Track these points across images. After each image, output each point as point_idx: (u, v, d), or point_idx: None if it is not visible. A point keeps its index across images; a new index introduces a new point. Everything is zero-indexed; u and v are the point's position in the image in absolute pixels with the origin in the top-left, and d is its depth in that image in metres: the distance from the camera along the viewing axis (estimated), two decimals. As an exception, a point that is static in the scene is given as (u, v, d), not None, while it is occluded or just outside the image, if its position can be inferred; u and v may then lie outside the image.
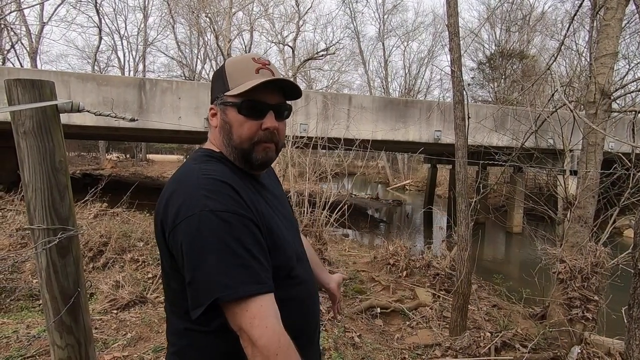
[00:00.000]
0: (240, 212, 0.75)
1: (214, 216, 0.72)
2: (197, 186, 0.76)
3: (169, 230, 0.76)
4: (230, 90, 0.85)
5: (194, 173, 0.80)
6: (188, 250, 0.72)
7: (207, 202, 0.73)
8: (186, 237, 0.73)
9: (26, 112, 1.05)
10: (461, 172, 3.07)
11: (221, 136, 0.88)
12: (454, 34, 3.04)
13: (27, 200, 1.10)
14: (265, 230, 0.80)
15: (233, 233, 0.72)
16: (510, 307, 4.11)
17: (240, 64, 0.87)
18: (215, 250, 0.70)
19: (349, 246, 7.04)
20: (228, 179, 0.79)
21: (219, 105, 0.88)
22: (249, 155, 0.86)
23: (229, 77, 0.86)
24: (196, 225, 0.72)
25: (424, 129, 9.32)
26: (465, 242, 3.09)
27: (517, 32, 22.33)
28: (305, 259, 0.98)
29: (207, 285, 0.70)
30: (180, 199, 0.76)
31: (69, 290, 1.15)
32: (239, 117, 0.85)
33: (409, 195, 21.59)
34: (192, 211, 0.73)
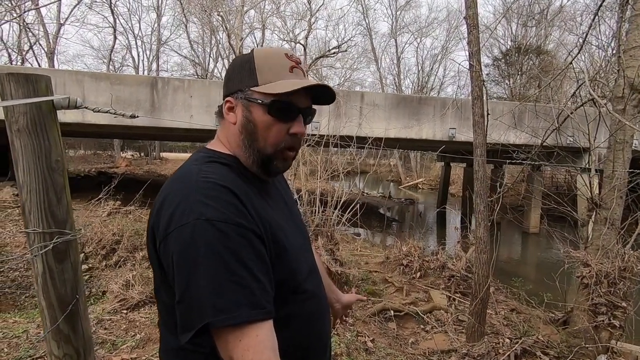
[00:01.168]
0: (241, 222, 0.66)
1: (210, 226, 0.63)
2: (194, 190, 0.67)
3: (160, 239, 0.67)
4: (259, 86, 0.76)
5: (192, 175, 0.71)
6: (179, 263, 0.64)
7: (204, 210, 0.64)
8: (178, 249, 0.64)
9: (20, 108, 0.99)
10: (479, 171, 2.94)
11: (242, 135, 0.79)
12: (473, 27, 2.91)
13: (22, 202, 1.03)
14: (270, 241, 0.71)
15: (231, 246, 0.63)
16: (529, 312, 3.94)
17: (272, 58, 0.77)
18: (209, 266, 0.61)
19: (361, 246, 6.93)
20: (230, 183, 0.70)
21: (242, 100, 0.78)
22: (270, 162, 0.78)
23: (258, 70, 0.76)
24: (189, 235, 0.63)
25: (438, 126, 9.12)
26: (483, 244, 2.95)
27: (534, 27, 21.75)
28: (317, 271, 0.89)
29: (198, 306, 0.61)
30: (174, 204, 0.67)
31: (67, 297, 1.08)
32: (267, 117, 0.76)
33: (422, 194, 21.31)
34: (186, 219, 0.64)
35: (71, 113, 7.56)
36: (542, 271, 7.29)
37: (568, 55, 16.69)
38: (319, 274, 0.89)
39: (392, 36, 28.75)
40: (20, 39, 20.04)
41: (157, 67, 26.96)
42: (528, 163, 3.95)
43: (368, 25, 28.02)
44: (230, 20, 19.36)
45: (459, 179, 19.30)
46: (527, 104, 7.78)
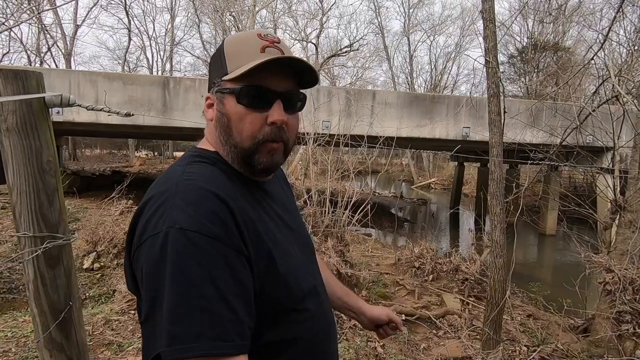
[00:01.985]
0: (219, 234, 0.57)
1: (183, 236, 0.55)
2: (174, 194, 0.60)
3: (134, 248, 0.60)
4: (229, 74, 0.67)
5: (175, 177, 0.63)
6: (146, 279, 0.57)
7: (179, 217, 0.56)
8: (146, 262, 0.57)
9: (8, 106, 0.94)
10: (496, 171, 2.82)
11: (217, 131, 0.71)
12: (489, 21, 2.79)
13: (12, 205, 0.99)
14: (259, 255, 0.62)
15: (203, 263, 0.55)
16: (547, 318, 3.79)
17: (242, 42, 0.69)
18: (175, 285, 0.53)
19: (372, 247, 6.82)
20: (217, 187, 0.62)
21: (216, 94, 0.71)
22: (251, 158, 0.68)
23: (227, 58, 0.69)
24: (159, 247, 0.55)
25: (451, 125, 8.94)
26: (499, 248, 2.83)
27: (552, 23, 21.19)
28: (322, 286, 0.79)
29: (157, 331, 0.54)
30: (152, 208, 0.60)
31: (59, 305, 1.04)
32: (239, 107, 0.67)
33: (434, 193, 21.02)
34: (159, 227, 0.56)
35: (85, 113, 7.66)
36: (560, 275, 7.06)
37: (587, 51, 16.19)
38: (324, 290, 0.80)
39: (405, 34, 28.45)
40: (39, 40, 20.54)
41: (171, 68, 27.30)
42: (546, 163, 3.80)
43: (380, 24, 27.72)
44: (242, 20, 19.45)
45: (473, 179, 18.96)
46: (545, 102, 7.55)
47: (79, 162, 23.36)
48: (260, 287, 0.62)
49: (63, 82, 7.54)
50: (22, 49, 20.58)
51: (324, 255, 4.02)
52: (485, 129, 9.41)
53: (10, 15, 11.06)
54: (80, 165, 20.64)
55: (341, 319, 3.13)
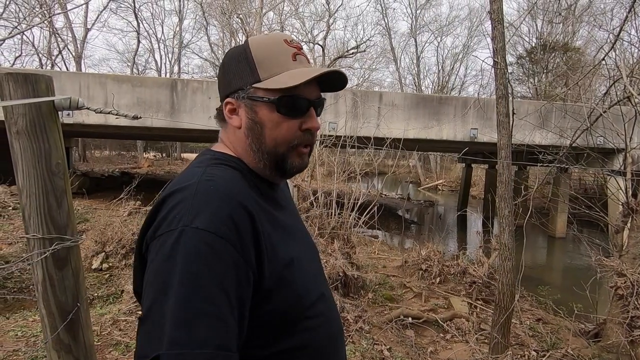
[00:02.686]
0: (234, 241, 0.56)
1: (198, 237, 0.55)
2: (194, 193, 0.59)
3: (147, 242, 0.59)
4: (262, 82, 0.67)
5: (195, 177, 0.63)
6: (152, 274, 0.56)
7: (197, 217, 0.56)
8: (157, 257, 0.56)
9: (19, 109, 0.95)
10: (504, 173, 2.78)
11: (248, 139, 0.70)
12: (498, 22, 2.76)
13: (22, 206, 1.00)
14: (273, 267, 0.61)
15: (214, 267, 0.54)
16: (557, 322, 3.73)
17: (272, 48, 0.69)
18: (183, 286, 0.52)
19: (379, 248, 6.79)
20: (238, 191, 0.62)
21: (244, 100, 0.69)
22: (284, 162, 0.70)
23: (258, 64, 0.68)
24: (172, 244, 0.55)
25: (459, 127, 8.87)
26: (508, 251, 2.80)
27: (561, 24, 20.96)
28: (328, 291, 0.79)
29: (157, 331, 0.52)
30: (169, 206, 0.59)
31: (67, 306, 1.04)
32: (275, 115, 0.68)
33: (442, 195, 20.87)
34: (175, 224, 0.56)
35: (95, 115, 7.76)
36: (570, 278, 6.96)
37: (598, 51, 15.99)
38: (331, 295, 0.79)
39: (412, 35, 28.35)
40: (50, 44, 20.88)
41: (179, 70, 27.54)
42: (555, 165, 3.75)
43: (387, 25, 27.61)
44: (250, 22, 19.55)
45: (481, 181, 18.79)
46: (554, 103, 7.46)
47: (88, 163, 23.66)
48: (269, 297, 0.61)
49: (73, 84, 7.64)
50: (34, 52, 20.97)
51: (330, 257, 4.01)
52: (493, 130, 9.32)
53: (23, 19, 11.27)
54: (89, 166, 20.90)
55: (347, 321, 3.12)
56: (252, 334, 0.60)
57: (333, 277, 3.70)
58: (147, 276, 0.57)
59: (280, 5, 21.07)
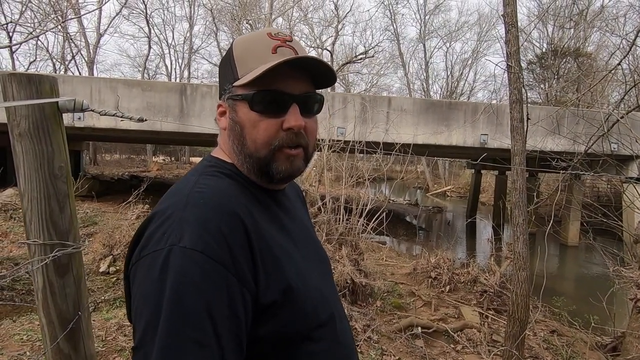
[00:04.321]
0: (225, 259, 0.52)
1: (186, 257, 0.50)
2: (183, 207, 0.55)
3: (133, 261, 0.55)
4: (239, 80, 0.63)
5: (186, 188, 0.59)
6: (141, 301, 0.51)
7: (185, 234, 0.52)
8: (144, 282, 0.51)
9: (21, 111, 0.93)
10: (518, 180, 2.71)
11: (230, 140, 0.66)
12: (512, 25, 2.70)
13: (23, 211, 0.97)
14: (273, 284, 0.57)
15: (202, 290, 0.50)
16: (573, 334, 3.61)
17: (252, 43, 0.64)
18: (171, 314, 0.48)
19: (387, 255, 6.70)
20: (232, 202, 0.57)
21: (228, 101, 0.66)
22: (268, 166, 0.63)
23: (237, 62, 0.64)
24: (159, 267, 0.50)
25: (468, 132, 8.77)
26: (522, 260, 2.71)
27: (572, 29, 20.72)
28: (341, 311, 0.72)
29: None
30: (158, 222, 0.55)
31: (68, 314, 1.01)
32: (252, 114, 0.62)
33: (450, 201, 20.65)
34: (164, 244, 0.52)
35: (105, 119, 7.83)
36: (584, 288, 6.77)
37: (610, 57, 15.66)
38: (344, 315, 0.73)
39: (421, 41, 28.31)
40: (64, 49, 21.31)
41: (189, 75, 27.83)
42: (570, 172, 3.65)
43: (396, 30, 27.60)
44: (259, 28, 19.71)
45: (490, 187, 18.56)
46: (567, 109, 7.33)
47: (99, 166, 23.98)
48: (269, 316, 0.56)
49: (85, 88, 7.74)
50: (48, 57, 21.40)
51: (338, 263, 3.95)
52: (504, 136, 9.18)
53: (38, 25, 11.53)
54: (100, 169, 21.17)
55: (355, 330, 3.05)
56: (251, 357, 0.55)
57: (341, 285, 3.64)
58: (135, 303, 0.52)
59: (289, 11, 21.24)
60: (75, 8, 15.73)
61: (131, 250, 0.57)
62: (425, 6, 28.20)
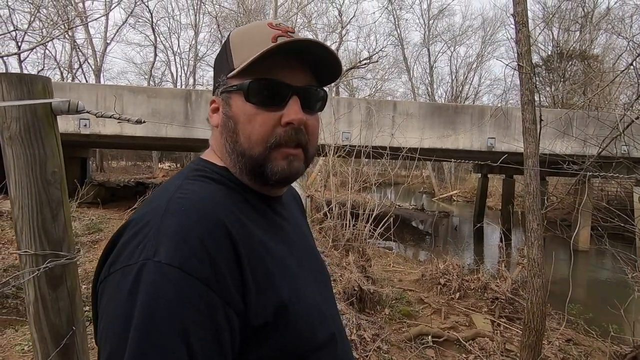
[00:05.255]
0: (206, 276, 0.45)
1: (160, 273, 0.43)
2: (160, 216, 0.48)
3: (102, 277, 0.48)
4: (235, 70, 0.56)
5: (167, 195, 0.52)
6: (105, 322, 0.45)
7: (161, 247, 0.45)
8: (112, 302, 0.45)
9: (12, 112, 0.87)
10: (532, 184, 2.62)
11: (222, 137, 0.59)
12: (522, 24, 2.63)
13: (14, 219, 0.91)
14: (265, 302, 0.49)
15: (177, 312, 0.43)
16: (589, 343, 3.48)
17: (250, 33, 0.58)
18: (139, 338, 0.41)
19: (394, 260, 6.59)
20: (217, 210, 0.51)
21: (221, 95, 0.59)
22: (263, 167, 0.56)
23: (234, 52, 0.57)
24: (130, 284, 0.44)
25: (475, 136, 8.67)
26: (537, 267, 2.61)
27: (579, 32, 20.59)
28: (341, 331, 0.64)
29: None
30: (132, 231, 0.48)
31: (61, 330, 0.94)
32: (247, 107, 0.55)
33: (457, 206, 20.45)
34: (136, 257, 0.45)
35: (111, 126, 7.85)
36: (598, 295, 6.61)
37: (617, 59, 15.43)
38: (345, 336, 0.65)
39: (425, 45, 28.28)
40: (71, 57, 21.58)
41: (194, 82, 28.04)
42: (583, 174, 3.55)
43: (400, 35, 27.60)
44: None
45: (497, 191, 18.36)
46: (577, 111, 7.22)
47: (105, 173, 24.14)
48: (261, 338, 0.49)
49: (91, 95, 7.77)
50: (56, 65, 21.69)
51: (345, 270, 3.86)
52: (511, 139, 9.05)
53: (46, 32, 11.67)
54: (106, 176, 21.29)
55: (364, 340, 2.96)
56: None
57: (348, 292, 3.55)
58: (101, 326, 0.45)
59: (294, 17, 21.34)
60: (82, 16, 15.94)
61: (101, 263, 0.50)
62: (429, 11, 28.21)
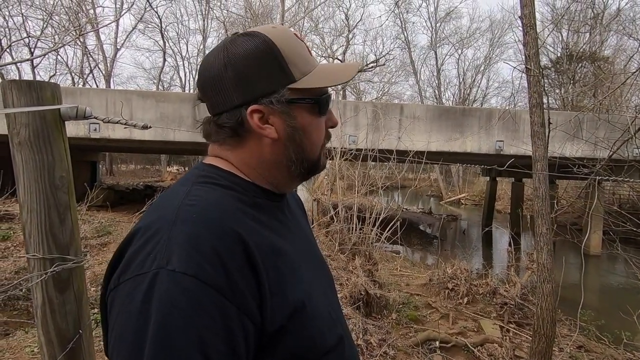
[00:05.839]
0: (221, 285, 0.45)
1: (174, 283, 0.43)
2: (171, 223, 0.48)
3: (112, 287, 0.48)
4: (297, 82, 0.57)
5: (176, 201, 0.51)
6: (117, 335, 0.45)
7: (173, 256, 0.45)
8: (121, 311, 0.45)
9: (21, 119, 0.89)
10: (541, 187, 2.58)
11: (288, 150, 0.59)
12: (530, 27, 2.61)
13: (22, 223, 0.93)
14: (280, 307, 0.50)
15: (193, 323, 0.43)
16: (602, 350, 3.41)
17: (293, 43, 0.60)
18: (155, 351, 0.41)
19: (401, 265, 6.55)
20: (231, 220, 0.50)
21: (280, 105, 0.57)
22: (316, 166, 0.64)
23: (290, 62, 0.57)
24: (143, 294, 0.43)
25: (483, 139, 8.59)
26: (547, 272, 2.57)
27: (588, 33, 20.36)
28: (348, 335, 0.65)
29: None
30: (140, 241, 0.48)
31: (68, 333, 0.95)
32: (314, 117, 0.61)
33: (465, 209, 20.26)
34: (148, 267, 0.45)
35: (120, 130, 7.96)
36: (610, 301, 6.48)
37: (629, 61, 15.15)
38: (351, 338, 0.66)
39: (432, 48, 28.19)
40: (82, 63, 21.98)
41: (202, 86, 28.23)
42: (594, 177, 3.49)
43: (406, 38, 27.56)
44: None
45: (506, 195, 18.16)
46: (587, 113, 7.12)
47: (114, 176, 24.44)
48: (275, 344, 0.50)
49: (100, 100, 7.89)
50: (67, 71, 22.09)
51: (352, 274, 3.84)
52: (520, 142, 8.94)
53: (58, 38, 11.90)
54: (115, 179, 21.56)
55: (371, 344, 2.93)
56: None
57: (355, 296, 3.53)
58: (112, 338, 0.45)
59: (301, 22, 21.48)
60: (92, 22, 16.23)
61: (110, 272, 0.49)
62: (436, 14, 28.13)
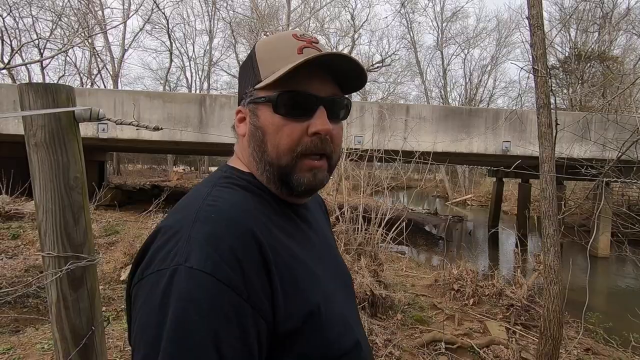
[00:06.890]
0: (237, 284, 0.46)
1: (192, 279, 0.45)
2: (192, 223, 0.50)
3: (135, 281, 0.50)
4: (262, 81, 0.58)
5: (197, 202, 0.54)
6: (141, 328, 0.46)
7: (192, 253, 0.47)
8: (145, 306, 0.47)
9: (38, 121, 0.91)
10: (548, 188, 2.57)
11: (250, 147, 0.62)
12: (537, 27, 2.60)
13: (38, 222, 0.95)
14: (293, 309, 0.51)
15: (209, 319, 0.44)
16: (609, 353, 3.38)
17: (275, 44, 0.60)
18: (171, 344, 0.43)
19: (406, 265, 6.54)
20: (248, 218, 0.53)
21: (248, 105, 0.61)
22: (289, 176, 0.58)
23: (260, 63, 0.59)
24: (162, 289, 0.46)
25: (490, 139, 8.54)
26: (554, 274, 2.56)
27: (597, 32, 20.13)
28: (364, 338, 0.65)
29: None
30: (163, 238, 0.50)
31: (81, 330, 0.98)
32: (275, 118, 0.57)
33: (471, 210, 20.15)
34: (168, 263, 0.47)
35: (127, 131, 8.04)
36: (619, 303, 6.41)
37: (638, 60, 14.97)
38: (366, 342, 0.66)
39: (438, 48, 28.08)
40: (91, 64, 22.23)
41: (208, 86, 28.47)
42: (604, 179, 3.46)
43: (412, 39, 27.47)
44: (276, 39, 20.03)
45: (513, 195, 18.02)
46: (595, 114, 7.05)
47: (122, 176, 24.68)
48: (289, 345, 0.51)
49: (109, 101, 7.98)
50: (76, 72, 22.37)
51: (357, 275, 3.85)
52: (527, 143, 8.87)
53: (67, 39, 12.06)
54: (123, 179, 21.76)
55: (376, 345, 2.94)
56: None
57: (360, 297, 3.54)
58: (135, 329, 0.48)
59: (306, 22, 21.52)
60: (101, 24, 16.41)
61: (135, 267, 0.52)
62: (442, 13, 28.02)
